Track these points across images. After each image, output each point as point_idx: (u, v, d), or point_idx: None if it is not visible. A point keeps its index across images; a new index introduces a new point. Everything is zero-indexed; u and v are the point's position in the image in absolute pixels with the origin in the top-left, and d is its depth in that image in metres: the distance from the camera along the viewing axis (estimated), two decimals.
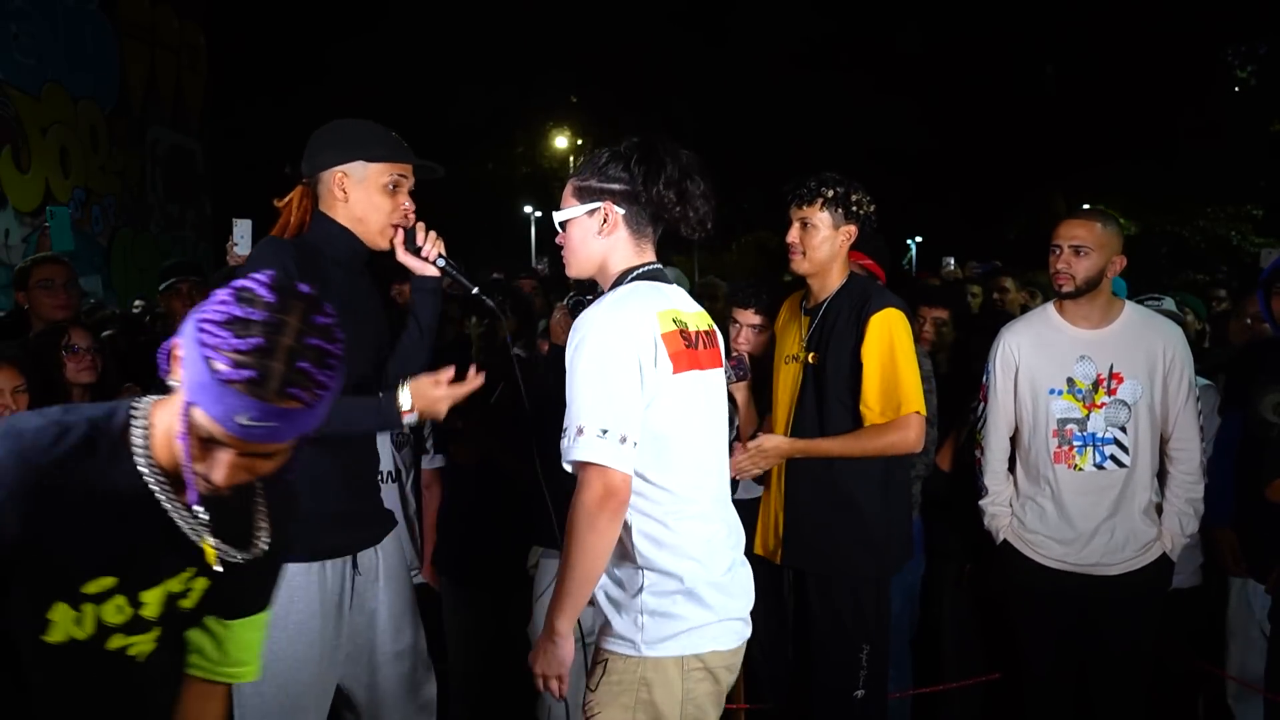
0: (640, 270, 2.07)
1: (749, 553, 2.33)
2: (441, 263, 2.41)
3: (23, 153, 9.55)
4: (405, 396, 2.23)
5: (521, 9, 19.64)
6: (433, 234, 2.40)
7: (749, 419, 3.22)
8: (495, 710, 3.43)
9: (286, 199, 2.41)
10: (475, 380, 2.26)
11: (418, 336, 2.49)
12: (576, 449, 1.89)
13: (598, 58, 20.37)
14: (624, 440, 1.88)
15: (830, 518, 2.87)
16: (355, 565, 2.40)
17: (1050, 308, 3.06)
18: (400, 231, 2.38)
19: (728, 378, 3.05)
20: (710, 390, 2.11)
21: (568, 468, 1.94)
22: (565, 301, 3.36)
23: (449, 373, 2.23)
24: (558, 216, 2.12)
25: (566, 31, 19.99)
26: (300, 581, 2.29)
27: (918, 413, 2.79)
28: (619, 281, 2.07)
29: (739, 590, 2.10)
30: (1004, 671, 3.46)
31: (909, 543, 3.07)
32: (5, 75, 9.34)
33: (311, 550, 2.29)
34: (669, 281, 2.12)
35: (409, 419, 2.23)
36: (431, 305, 2.50)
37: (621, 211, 2.05)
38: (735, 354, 3.17)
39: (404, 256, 2.40)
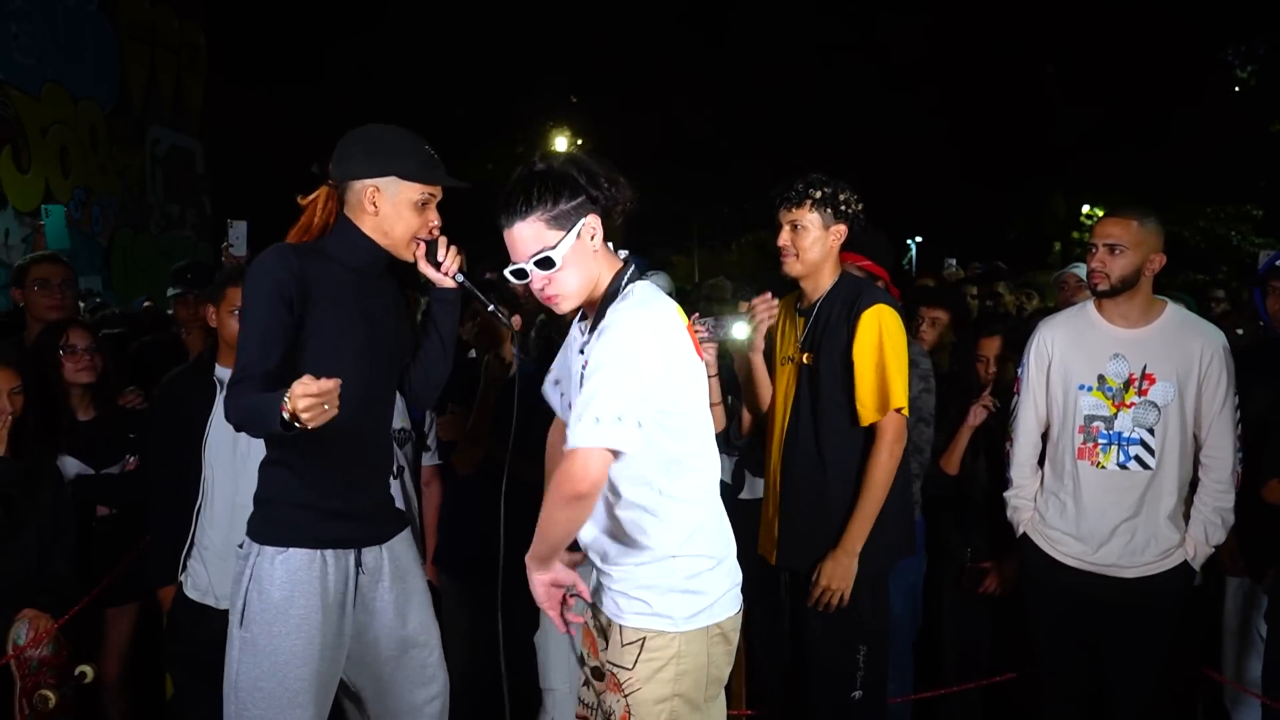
0: (630, 271, 2.15)
1: (754, 555, 2.35)
2: (460, 278, 2.44)
3: (23, 153, 9.55)
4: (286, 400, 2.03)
5: (521, 9, 19.63)
6: (453, 249, 2.43)
7: (719, 418, 3.21)
8: (497, 708, 3.43)
9: (311, 198, 2.41)
10: (327, 383, 1.97)
11: (438, 344, 2.53)
12: (590, 435, 1.92)
13: (598, 58, 20.36)
14: (639, 425, 1.95)
15: (823, 518, 2.87)
16: (360, 563, 2.41)
17: (1089, 304, 3.04)
18: (422, 244, 2.40)
19: (724, 334, 3.01)
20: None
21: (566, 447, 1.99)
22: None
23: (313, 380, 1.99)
24: (556, 252, 2.04)
25: (566, 32, 19.98)
26: (303, 575, 2.31)
27: (898, 410, 2.79)
28: (614, 286, 2.12)
29: (735, 557, 2.25)
30: (1011, 671, 3.45)
31: (908, 540, 3.06)
32: (5, 75, 9.34)
33: (314, 539, 2.33)
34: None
35: (293, 418, 2.00)
36: (450, 316, 2.54)
37: (597, 219, 2.09)
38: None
39: (425, 268, 2.43)
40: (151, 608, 3.36)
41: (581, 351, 2.17)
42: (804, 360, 2.92)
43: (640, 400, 1.96)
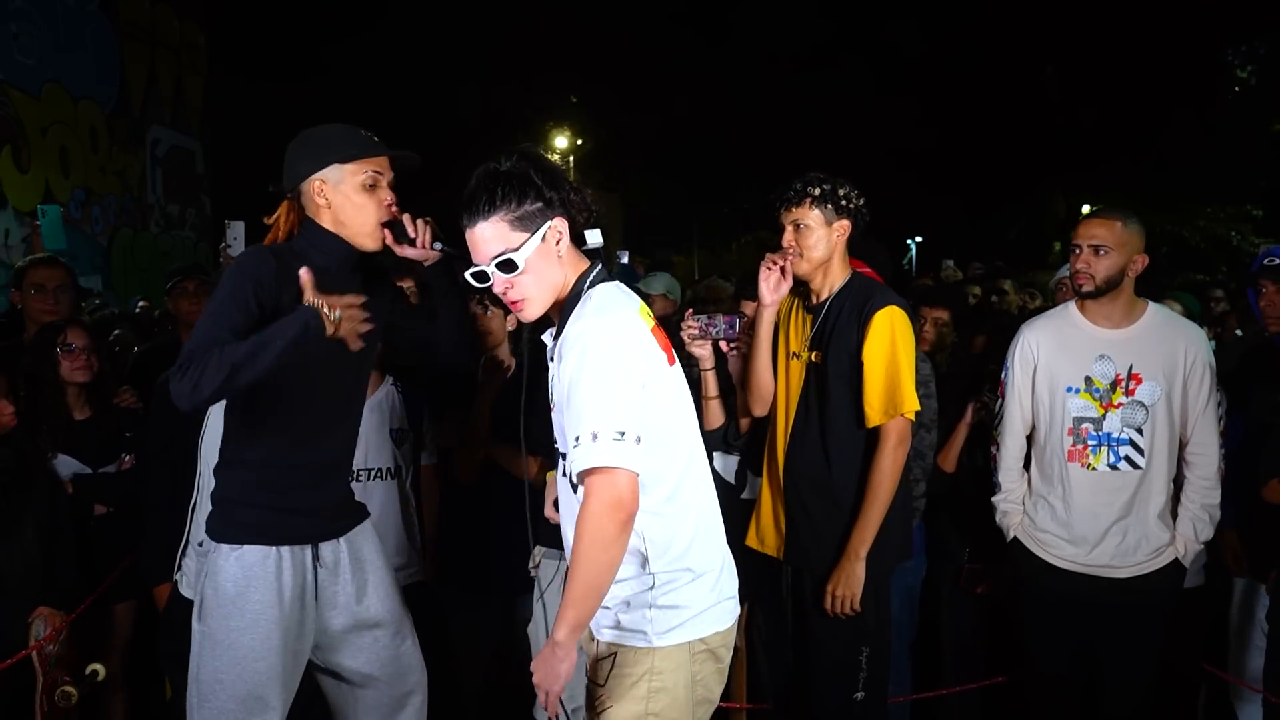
0: (595, 274, 2.07)
1: (741, 544, 2.28)
2: (438, 245, 2.41)
3: (23, 153, 9.54)
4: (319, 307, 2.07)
5: (522, 8, 19.64)
6: (420, 221, 2.39)
7: (715, 413, 3.20)
8: (501, 714, 3.43)
9: (275, 216, 2.43)
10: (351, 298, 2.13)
11: (453, 311, 2.53)
12: (595, 454, 1.84)
13: (598, 58, 20.36)
14: (638, 440, 1.87)
15: (829, 519, 2.87)
16: (317, 557, 2.42)
17: (1072, 306, 3.04)
18: (387, 230, 2.37)
19: (719, 333, 3.00)
20: (683, 377, 2.15)
21: (574, 477, 1.90)
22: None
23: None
24: (519, 254, 1.97)
25: (566, 31, 19.98)
26: (258, 570, 2.32)
27: (902, 415, 2.78)
28: (576, 289, 2.05)
29: (729, 570, 2.14)
30: (1008, 673, 3.46)
31: (906, 543, 3.06)
32: (5, 75, 9.33)
33: (270, 536, 2.34)
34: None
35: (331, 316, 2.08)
36: (449, 282, 2.51)
37: (563, 222, 2.02)
38: (729, 313, 3.10)
39: (402, 251, 2.40)
40: (150, 606, 3.37)
41: (551, 359, 2.11)
42: (812, 359, 2.92)
43: (633, 414, 1.88)
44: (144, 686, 3.77)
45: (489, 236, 1.99)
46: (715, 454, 3.41)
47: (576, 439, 1.87)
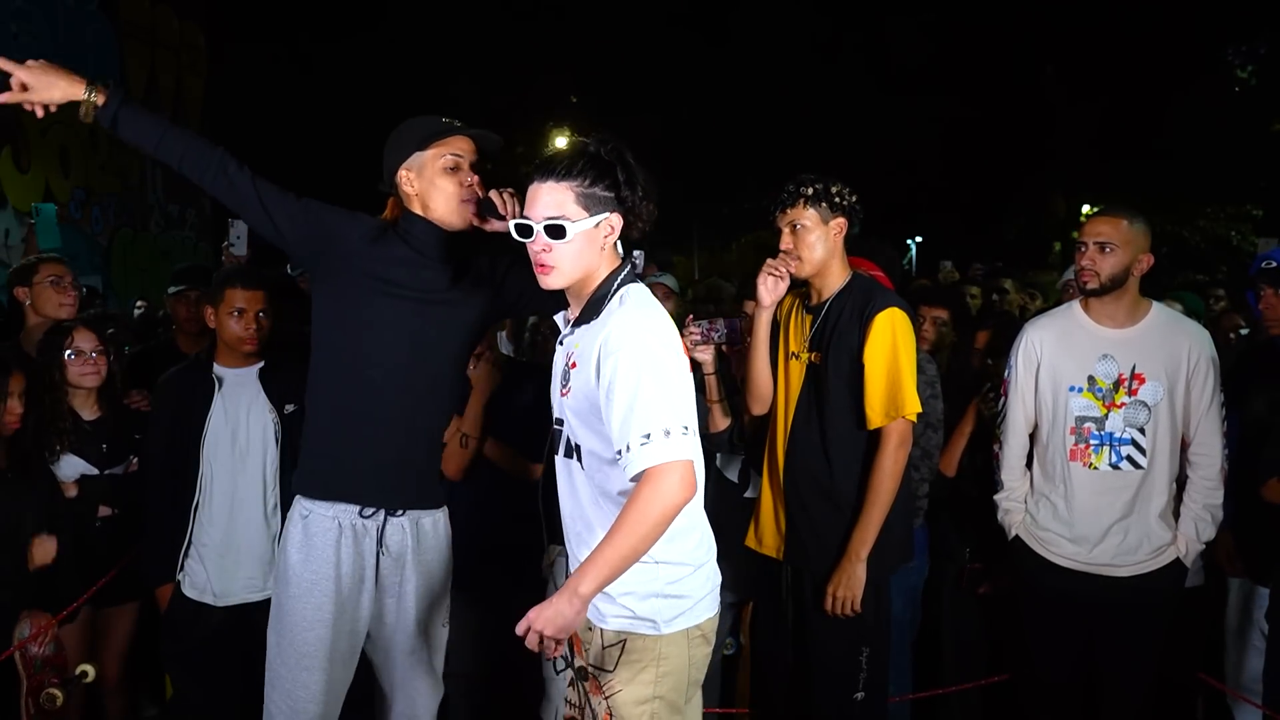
0: (626, 273, 2.15)
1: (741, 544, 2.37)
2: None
3: (23, 153, 9.54)
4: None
5: (521, 8, 19.64)
6: (508, 194, 2.39)
7: (719, 416, 3.21)
8: (497, 714, 3.43)
9: (385, 214, 2.53)
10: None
11: None
12: (668, 449, 1.93)
13: (598, 58, 20.35)
14: (695, 433, 2.01)
15: (828, 520, 2.87)
16: (381, 543, 2.45)
17: (1076, 305, 3.05)
18: (473, 206, 2.42)
19: (721, 337, 3.01)
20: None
21: (634, 472, 1.94)
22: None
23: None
24: (573, 226, 2.03)
25: (566, 31, 19.98)
26: (319, 541, 2.39)
27: (904, 418, 2.79)
28: (606, 285, 2.12)
29: (716, 560, 2.26)
30: (1009, 672, 3.46)
31: (908, 544, 3.06)
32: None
33: (331, 490, 2.41)
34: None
35: None
36: None
37: (620, 220, 2.10)
38: (729, 316, 3.11)
39: (493, 227, 2.44)
40: (152, 607, 3.36)
41: (561, 343, 2.20)
42: (811, 359, 2.92)
43: (690, 407, 2.02)
44: (144, 686, 3.77)
45: (550, 200, 2.06)
46: (718, 454, 3.41)
47: (647, 436, 1.93)
